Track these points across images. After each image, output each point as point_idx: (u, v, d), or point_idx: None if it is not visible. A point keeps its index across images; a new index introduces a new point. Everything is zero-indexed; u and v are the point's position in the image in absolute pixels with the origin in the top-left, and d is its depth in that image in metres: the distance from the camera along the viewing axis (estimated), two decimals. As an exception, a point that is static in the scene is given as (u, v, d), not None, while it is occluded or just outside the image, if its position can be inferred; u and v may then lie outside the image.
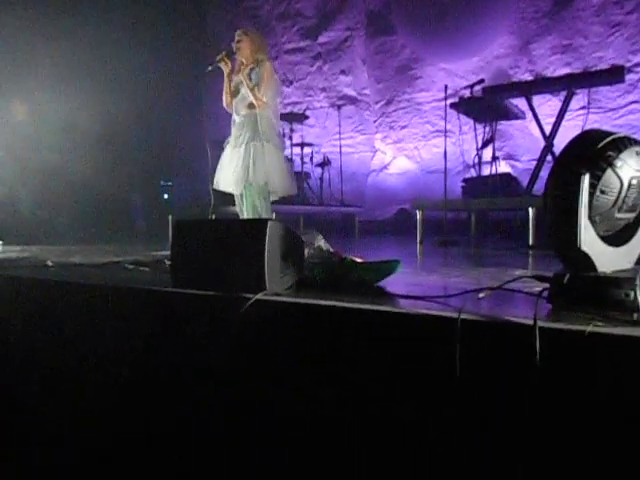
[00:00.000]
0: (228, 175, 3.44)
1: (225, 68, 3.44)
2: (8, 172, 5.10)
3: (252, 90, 3.33)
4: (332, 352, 1.31)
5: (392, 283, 1.72)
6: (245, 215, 3.43)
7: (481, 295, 1.41)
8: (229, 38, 3.56)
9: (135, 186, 7.29)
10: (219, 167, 3.54)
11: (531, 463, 1.01)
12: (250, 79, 3.36)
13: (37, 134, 5.50)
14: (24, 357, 1.98)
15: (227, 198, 3.69)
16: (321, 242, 1.87)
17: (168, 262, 2.10)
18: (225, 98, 3.52)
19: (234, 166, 3.40)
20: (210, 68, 3.47)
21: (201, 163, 4.24)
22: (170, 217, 5.34)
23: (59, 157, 5.44)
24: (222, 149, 3.59)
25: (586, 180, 1.16)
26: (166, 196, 7.43)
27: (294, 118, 7.07)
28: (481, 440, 1.08)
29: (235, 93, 3.48)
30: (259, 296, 1.40)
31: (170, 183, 7.41)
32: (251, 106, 3.40)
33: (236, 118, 3.50)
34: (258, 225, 1.48)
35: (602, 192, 1.18)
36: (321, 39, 8.38)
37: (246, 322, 1.40)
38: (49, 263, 2.50)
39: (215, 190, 3.56)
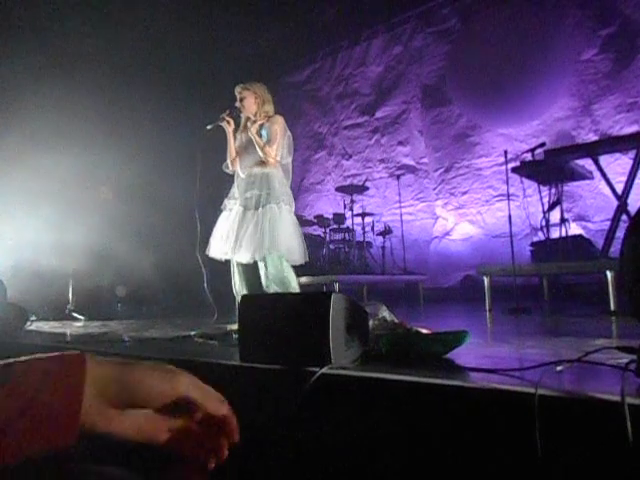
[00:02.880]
0: (237, 240, 3.03)
1: (228, 127, 3.18)
2: (91, 251, 5.51)
3: (263, 148, 3.05)
4: (401, 428, 1.26)
5: (461, 355, 1.66)
6: (269, 288, 3.03)
7: (559, 368, 1.33)
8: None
9: (203, 260, 7.60)
10: (221, 231, 3.15)
11: None
12: (260, 136, 3.08)
13: (117, 212, 5.93)
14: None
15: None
16: (385, 313, 1.85)
17: (236, 335, 2.15)
18: (229, 157, 3.23)
19: (249, 231, 3.02)
20: (210, 126, 3.13)
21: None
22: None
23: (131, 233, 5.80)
24: (219, 211, 3.25)
25: (665, 243, 1.10)
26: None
27: (354, 189, 7.24)
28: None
29: (242, 151, 3.21)
30: (325, 370, 1.39)
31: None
32: (261, 164, 3.12)
33: (243, 176, 3.18)
34: (322, 298, 1.50)
35: (685, 255, 1.12)
36: (378, 114, 8.73)
37: (312, 396, 1.39)
38: (125, 338, 2.63)
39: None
